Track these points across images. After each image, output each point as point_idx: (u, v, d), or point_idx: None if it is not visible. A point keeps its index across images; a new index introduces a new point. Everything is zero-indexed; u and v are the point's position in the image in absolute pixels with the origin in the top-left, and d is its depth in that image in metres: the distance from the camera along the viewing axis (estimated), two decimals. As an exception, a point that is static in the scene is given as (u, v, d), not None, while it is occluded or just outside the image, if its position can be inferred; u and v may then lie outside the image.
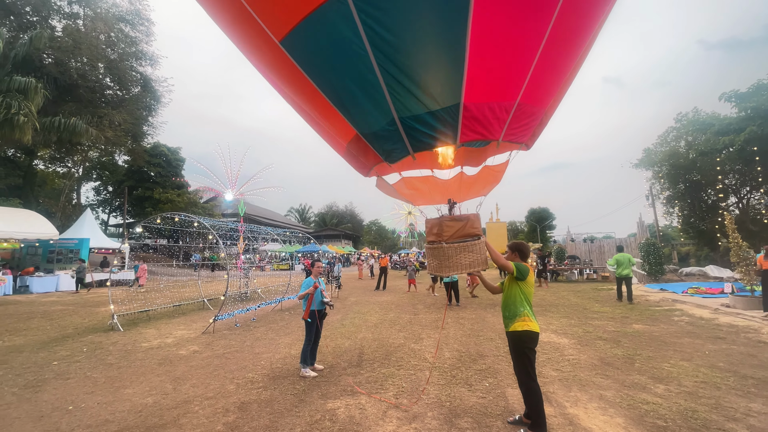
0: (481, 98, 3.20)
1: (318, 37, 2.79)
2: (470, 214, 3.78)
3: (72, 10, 25.53)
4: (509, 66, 3.13)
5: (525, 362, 3.57)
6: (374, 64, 2.79)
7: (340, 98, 3.27)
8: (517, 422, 3.72)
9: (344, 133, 3.68)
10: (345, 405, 4.22)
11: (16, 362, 6.08)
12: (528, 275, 3.74)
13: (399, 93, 2.97)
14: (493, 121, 3.35)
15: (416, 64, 2.85)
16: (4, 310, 11.31)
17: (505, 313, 3.77)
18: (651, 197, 24.17)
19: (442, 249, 3.55)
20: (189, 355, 6.40)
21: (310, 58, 2.99)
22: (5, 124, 17.03)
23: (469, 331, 7.81)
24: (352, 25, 2.60)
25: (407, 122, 3.12)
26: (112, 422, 3.91)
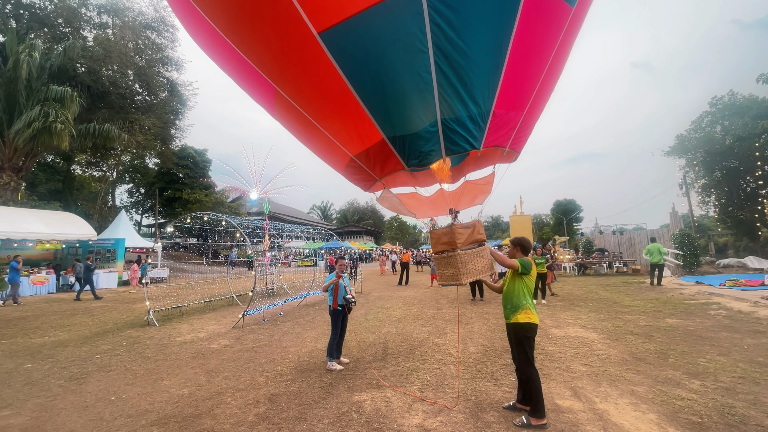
0: (508, 107, 3.22)
1: (375, 31, 2.68)
2: (474, 221, 3.81)
3: (101, 20, 26.60)
4: (531, 79, 3.19)
5: (527, 350, 3.73)
6: (432, 63, 2.77)
7: (382, 97, 3.10)
8: (512, 408, 3.89)
9: (361, 141, 3.51)
10: (371, 398, 4.30)
11: (61, 356, 6.46)
12: (531, 269, 3.84)
13: (448, 94, 2.95)
14: (510, 129, 3.37)
15: (469, 68, 2.85)
16: (48, 308, 12.01)
17: (507, 305, 3.91)
18: (685, 186, 23.12)
19: (458, 256, 3.53)
20: (220, 349, 6.63)
21: (356, 54, 2.83)
22: (44, 131, 17.98)
23: (494, 326, 7.75)
24: (420, 21, 2.56)
25: (448, 124, 3.11)
26: (152, 412, 4.11)
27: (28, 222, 15.35)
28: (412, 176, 3.77)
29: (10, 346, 7.16)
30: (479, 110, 3.06)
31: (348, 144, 3.60)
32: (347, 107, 3.20)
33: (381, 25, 2.62)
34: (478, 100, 3.01)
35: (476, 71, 2.87)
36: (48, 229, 15.74)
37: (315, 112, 3.47)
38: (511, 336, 3.91)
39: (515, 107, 3.30)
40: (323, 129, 3.55)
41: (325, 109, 3.43)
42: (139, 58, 26.38)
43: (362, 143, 3.52)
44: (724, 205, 23.15)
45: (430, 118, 3.07)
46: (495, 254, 3.87)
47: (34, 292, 15.03)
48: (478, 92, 2.99)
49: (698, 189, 24.07)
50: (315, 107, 3.44)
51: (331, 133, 3.59)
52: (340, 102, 3.21)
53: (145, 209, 45.13)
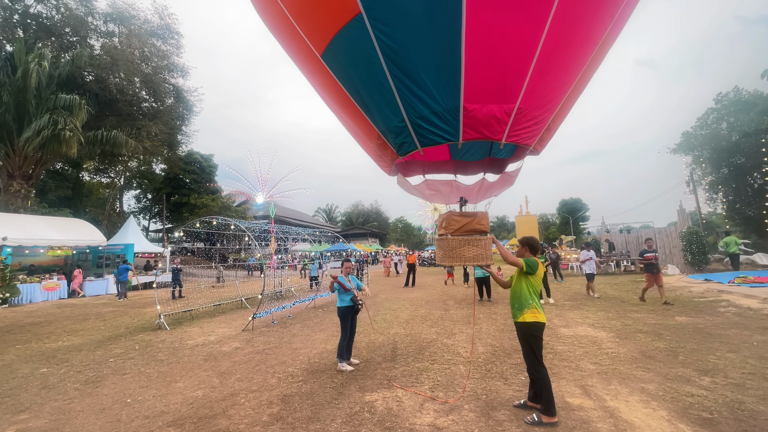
0: (480, 100, 3.41)
1: (346, 51, 3.35)
2: (478, 211, 3.95)
3: (108, 29, 26.98)
4: (505, 72, 3.25)
5: (534, 349, 3.79)
6: (386, 71, 3.29)
7: (364, 101, 3.73)
8: (522, 406, 3.94)
9: (370, 134, 3.95)
10: (382, 398, 4.35)
11: (76, 360, 6.58)
12: (538, 269, 3.89)
13: (406, 95, 3.41)
14: (494, 123, 3.46)
15: (419, 70, 3.28)
16: (61, 313, 12.19)
17: (515, 305, 3.96)
18: (692, 183, 22.96)
19: (447, 240, 3.87)
20: (231, 352, 6.72)
21: (343, 69, 3.55)
22: (53, 139, 18.29)
23: (502, 327, 7.77)
24: (368, 39, 3.11)
25: (414, 120, 3.52)
26: (167, 413, 4.19)
27: (39, 229, 15.58)
28: (422, 165, 4.01)
29: (25, 351, 7.29)
30: (442, 107, 3.37)
31: (367, 135, 4.08)
32: (353, 109, 3.89)
33: (348, 45, 3.26)
34: (438, 98, 3.33)
35: (428, 73, 3.24)
36: (59, 235, 15.96)
37: (341, 114, 4.28)
38: (519, 335, 3.96)
39: (496, 101, 3.38)
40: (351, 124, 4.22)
41: (343, 111, 4.11)
42: (145, 66, 26.72)
43: (371, 137, 4.03)
44: (731, 202, 22.95)
45: (397, 116, 3.53)
46: (501, 249, 3.93)
47: (45, 298, 15.23)
48: (436, 91, 3.31)
49: (706, 186, 23.89)
50: (338, 110, 4.20)
51: (355, 128, 4.25)
52: (348, 105, 3.89)
53: (153, 215, 45.54)
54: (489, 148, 3.83)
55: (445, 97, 3.37)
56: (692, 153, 23.54)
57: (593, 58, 3.26)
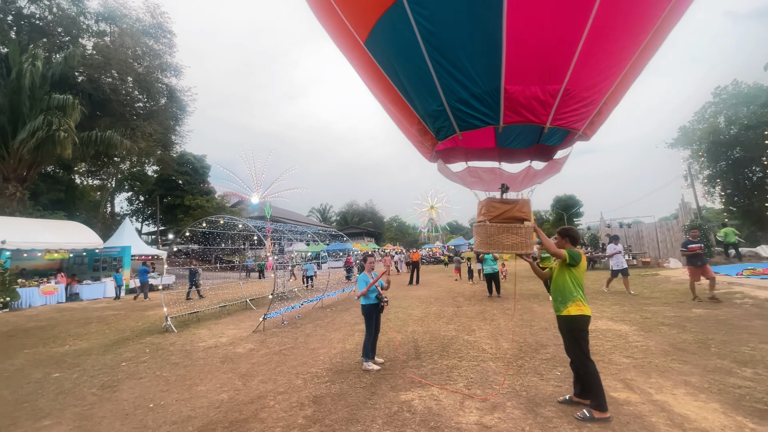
0: (522, 82, 3.27)
1: (386, 37, 3.32)
2: (520, 199, 3.83)
3: (99, 28, 26.48)
4: (549, 52, 3.12)
5: (581, 344, 3.66)
6: (425, 54, 3.22)
7: (404, 87, 3.64)
8: (568, 402, 3.81)
9: (411, 120, 3.89)
10: (418, 397, 4.19)
11: (87, 365, 6.34)
12: (581, 260, 3.76)
13: (445, 78, 3.32)
14: (537, 105, 3.34)
15: (457, 52, 3.18)
16: (61, 317, 11.86)
17: (558, 298, 3.82)
18: (690, 177, 23.12)
19: (485, 227, 3.76)
20: (247, 353, 6.52)
21: (384, 55, 3.52)
22: (47, 140, 17.85)
23: (520, 322, 7.66)
24: (408, 23, 3.06)
25: (453, 104, 3.44)
26: (195, 418, 4.00)
27: (36, 232, 15.19)
28: (464, 152, 3.90)
29: (34, 356, 7.04)
30: (482, 89, 3.27)
31: (408, 120, 4.00)
32: (394, 95, 3.82)
33: (389, 31, 3.24)
34: (477, 80, 3.24)
35: (467, 55, 3.16)
36: (56, 238, 15.58)
37: (383, 101, 4.22)
38: (563, 329, 3.81)
39: (540, 82, 3.26)
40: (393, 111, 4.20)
41: (385, 97, 4.05)
42: (138, 65, 26.30)
43: (411, 122, 3.95)
44: (729, 195, 23.15)
45: (435, 100, 3.45)
46: (544, 239, 3.80)
47: (44, 302, 14.84)
48: (475, 73, 3.22)
49: (705, 179, 24.06)
50: (381, 97, 4.16)
51: (397, 115, 4.19)
52: (389, 91, 3.83)
53: (145, 217, 44.94)
54: (538, 135, 3.69)
55: (484, 79, 3.25)
56: (690, 147, 23.70)
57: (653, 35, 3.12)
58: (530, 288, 12.86)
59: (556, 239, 4.00)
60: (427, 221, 71.87)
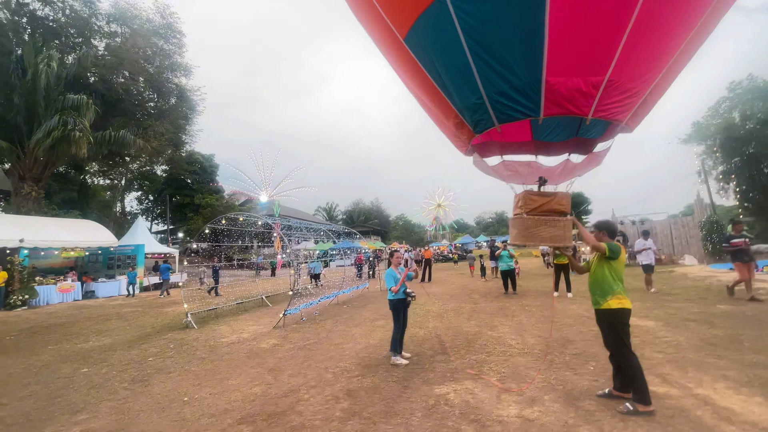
0: (565, 73, 3.27)
1: (427, 32, 3.33)
2: (558, 192, 3.80)
3: (110, 29, 26.70)
4: (593, 43, 3.09)
5: (623, 337, 3.63)
6: (465, 48, 3.22)
7: (442, 81, 3.66)
8: (608, 395, 3.77)
9: (447, 113, 3.90)
10: (453, 390, 4.19)
11: (114, 360, 6.40)
12: (620, 254, 3.71)
13: (485, 71, 3.32)
14: (579, 97, 3.31)
15: (499, 46, 3.19)
16: (80, 314, 11.99)
17: (597, 292, 3.78)
18: (704, 173, 22.83)
19: (522, 219, 3.74)
20: (271, 349, 6.55)
21: (424, 50, 3.53)
22: (62, 140, 18.05)
23: (542, 318, 7.61)
24: (449, 18, 3.07)
25: (493, 96, 3.45)
26: (232, 411, 4.03)
27: (52, 230, 15.37)
28: (500, 145, 3.98)
29: (59, 352, 7.12)
30: (522, 81, 3.27)
31: (444, 114, 4.02)
32: (432, 89, 3.83)
33: (429, 25, 3.25)
34: (518, 72, 3.25)
35: (508, 47, 3.18)
36: (72, 236, 15.76)
37: (420, 97, 4.28)
38: (603, 323, 3.77)
39: (582, 73, 3.23)
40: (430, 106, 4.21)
41: (422, 92, 4.09)
42: (149, 65, 26.47)
43: (448, 116, 3.97)
44: (744, 192, 22.84)
45: (474, 93, 3.46)
46: (583, 232, 3.77)
47: (61, 300, 15.03)
48: (516, 65, 3.23)
49: (720, 176, 23.75)
50: (417, 92, 4.21)
51: (434, 109, 4.22)
52: (427, 86, 3.84)
53: (155, 216, 45.29)
54: (576, 128, 3.66)
55: (525, 71, 3.25)
56: (705, 143, 23.41)
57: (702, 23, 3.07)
58: (546, 285, 12.80)
59: (593, 232, 3.96)
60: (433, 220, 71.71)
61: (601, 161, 3.96)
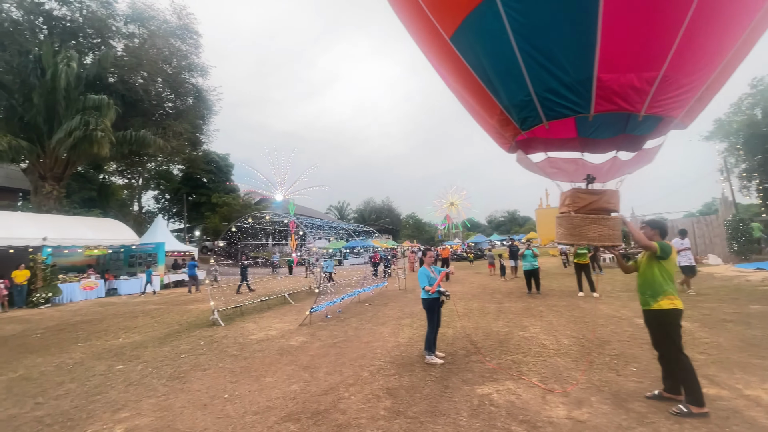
0: (617, 70, 3.23)
1: (475, 31, 3.32)
2: (607, 189, 3.74)
3: (128, 30, 27.09)
4: (648, 37, 3.03)
5: (674, 338, 3.56)
6: (514, 46, 3.20)
7: (489, 78, 3.63)
8: (657, 397, 3.70)
9: (492, 111, 3.87)
10: (495, 390, 4.15)
11: (146, 356, 6.49)
12: (671, 253, 3.66)
13: (534, 68, 3.29)
14: (632, 93, 3.25)
15: (550, 43, 3.16)
16: (105, 311, 12.23)
17: (647, 292, 3.72)
18: (726, 171, 22.30)
19: (569, 218, 3.68)
20: (301, 346, 6.58)
21: (471, 48, 3.51)
22: (84, 140, 18.37)
23: (572, 319, 7.51)
24: (498, 17, 3.07)
25: (541, 93, 3.41)
26: (275, 408, 4.05)
27: (76, 229, 15.69)
28: (544, 142, 4.03)
29: (90, 349, 7.25)
30: (573, 78, 3.23)
31: (488, 112, 4.02)
32: (477, 87, 3.80)
33: (478, 23, 3.23)
34: (568, 69, 3.21)
35: (559, 44, 3.13)
36: (95, 235, 16.06)
37: (461, 93, 4.31)
38: (653, 323, 3.71)
39: (636, 69, 3.16)
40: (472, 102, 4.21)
41: (465, 90, 4.07)
42: (167, 66, 26.79)
43: (492, 113, 3.97)
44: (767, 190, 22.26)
45: (522, 90, 3.43)
46: (633, 231, 3.72)
47: (84, 297, 15.34)
48: (567, 62, 3.18)
49: (742, 173, 23.17)
50: (459, 89, 4.23)
51: (476, 107, 4.22)
52: (472, 84, 3.81)
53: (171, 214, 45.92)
54: (624, 124, 3.59)
55: (576, 67, 3.21)
56: (727, 140, 22.86)
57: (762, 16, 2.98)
58: (568, 285, 12.65)
59: (643, 230, 3.89)
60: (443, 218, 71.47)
61: (652, 158, 3.88)
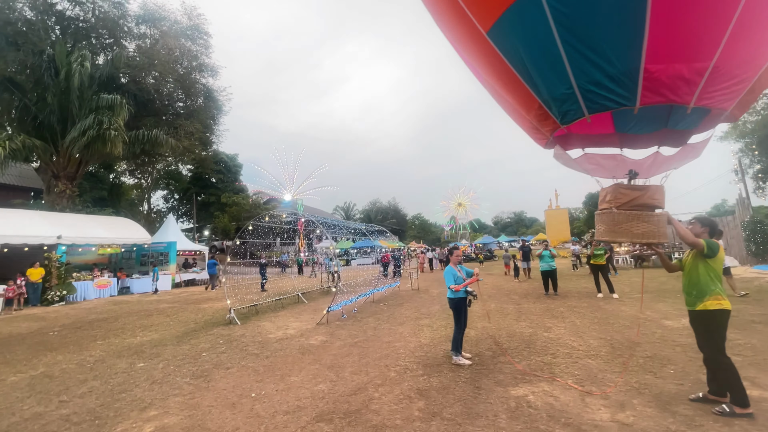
0: (665, 60, 3.09)
1: (515, 25, 3.23)
2: (651, 185, 3.63)
3: (140, 31, 27.26)
4: (698, 27, 2.92)
5: (718, 340, 3.45)
6: (557, 39, 3.12)
7: (528, 72, 3.53)
8: (702, 400, 3.60)
9: (529, 105, 3.79)
10: (530, 392, 4.05)
11: (166, 354, 6.45)
12: (718, 252, 3.53)
13: (577, 60, 3.18)
14: (682, 85, 3.14)
15: (594, 34, 3.07)
16: (120, 309, 12.25)
17: (692, 292, 3.62)
18: (741, 172, 21.97)
19: (611, 214, 3.57)
20: (322, 345, 6.51)
21: (509, 42, 3.42)
22: (97, 139, 18.45)
23: (595, 320, 7.37)
24: (541, 10, 2.98)
25: (584, 86, 3.30)
26: (305, 408, 3.98)
27: (90, 228, 15.76)
28: (580, 138, 3.95)
29: (109, 347, 7.23)
30: (618, 69, 3.14)
31: (524, 106, 3.93)
32: (514, 81, 3.71)
33: (519, 16, 3.15)
34: (614, 61, 3.12)
35: (605, 36, 3.05)
36: (108, 233, 16.13)
37: (495, 88, 4.19)
38: (698, 324, 3.60)
39: (686, 60, 3.06)
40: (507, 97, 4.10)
41: (501, 85, 4.01)
42: (178, 66, 26.92)
43: (529, 108, 3.87)
44: (783, 191, 21.97)
45: (564, 83, 3.34)
46: (678, 227, 3.60)
47: (97, 295, 15.41)
48: (612, 53, 3.09)
49: (758, 174, 22.83)
50: (494, 84, 4.13)
51: (511, 101, 4.09)
52: (508, 78, 3.73)
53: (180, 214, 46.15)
54: (666, 119, 3.48)
55: (622, 59, 3.11)
56: (743, 140, 22.55)
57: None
58: (583, 286, 12.49)
59: (690, 228, 3.78)
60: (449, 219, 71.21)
61: (699, 153, 3.75)
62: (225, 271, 16.00)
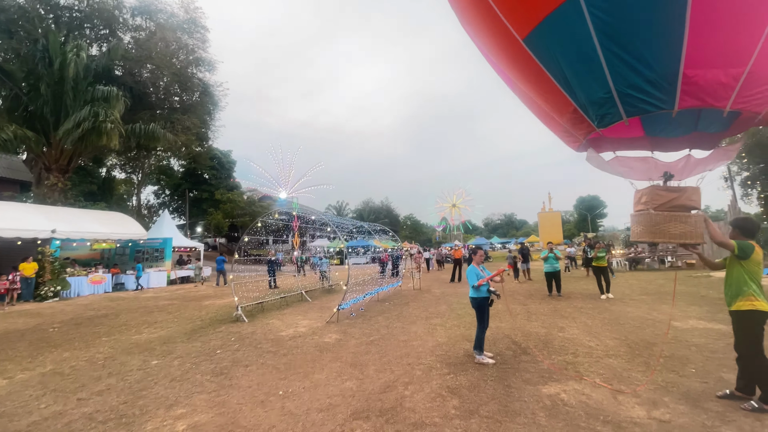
0: (704, 66, 3.18)
1: (554, 32, 3.33)
2: (688, 186, 3.73)
3: (136, 23, 26.77)
4: (735, 34, 3.05)
5: (752, 340, 3.53)
6: (597, 45, 3.22)
7: (565, 76, 3.62)
8: (729, 396, 3.69)
9: (563, 109, 3.90)
10: (562, 390, 4.10)
11: (179, 352, 6.34)
12: (753, 253, 3.60)
13: (616, 65, 3.28)
14: (719, 89, 3.24)
15: (634, 40, 3.16)
16: (117, 306, 12.01)
17: (728, 292, 3.75)
18: (730, 178, 22.56)
19: (648, 215, 3.63)
20: (337, 343, 6.48)
21: (547, 49, 3.51)
22: (92, 131, 18.05)
23: (605, 321, 7.47)
24: (581, 17, 3.08)
25: (623, 90, 3.39)
26: (338, 406, 3.95)
27: (84, 222, 15.43)
28: (611, 141, 4.04)
29: (116, 344, 7.07)
30: (657, 73, 3.24)
31: (558, 111, 4.04)
32: (549, 87, 3.80)
33: (559, 24, 3.24)
34: (653, 65, 3.22)
35: (645, 41, 3.13)
36: (103, 228, 15.81)
37: (527, 94, 4.32)
38: (734, 324, 3.72)
39: (723, 65, 3.16)
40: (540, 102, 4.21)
41: (534, 90, 4.13)
42: (175, 59, 26.50)
43: (563, 112, 3.98)
44: (769, 198, 22.57)
45: (603, 87, 3.42)
46: (712, 229, 3.68)
47: (92, 291, 15.09)
48: (652, 58, 3.20)
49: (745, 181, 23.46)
50: (527, 89, 4.25)
51: (544, 106, 4.21)
52: (543, 83, 3.82)
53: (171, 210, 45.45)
54: (695, 122, 3.56)
55: (661, 63, 3.22)
56: (734, 147, 23.14)
57: None
58: (584, 287, 12.68)
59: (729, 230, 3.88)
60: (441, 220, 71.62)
61: (732, 156, 3.86)
62: (232, 269, 15.86)
